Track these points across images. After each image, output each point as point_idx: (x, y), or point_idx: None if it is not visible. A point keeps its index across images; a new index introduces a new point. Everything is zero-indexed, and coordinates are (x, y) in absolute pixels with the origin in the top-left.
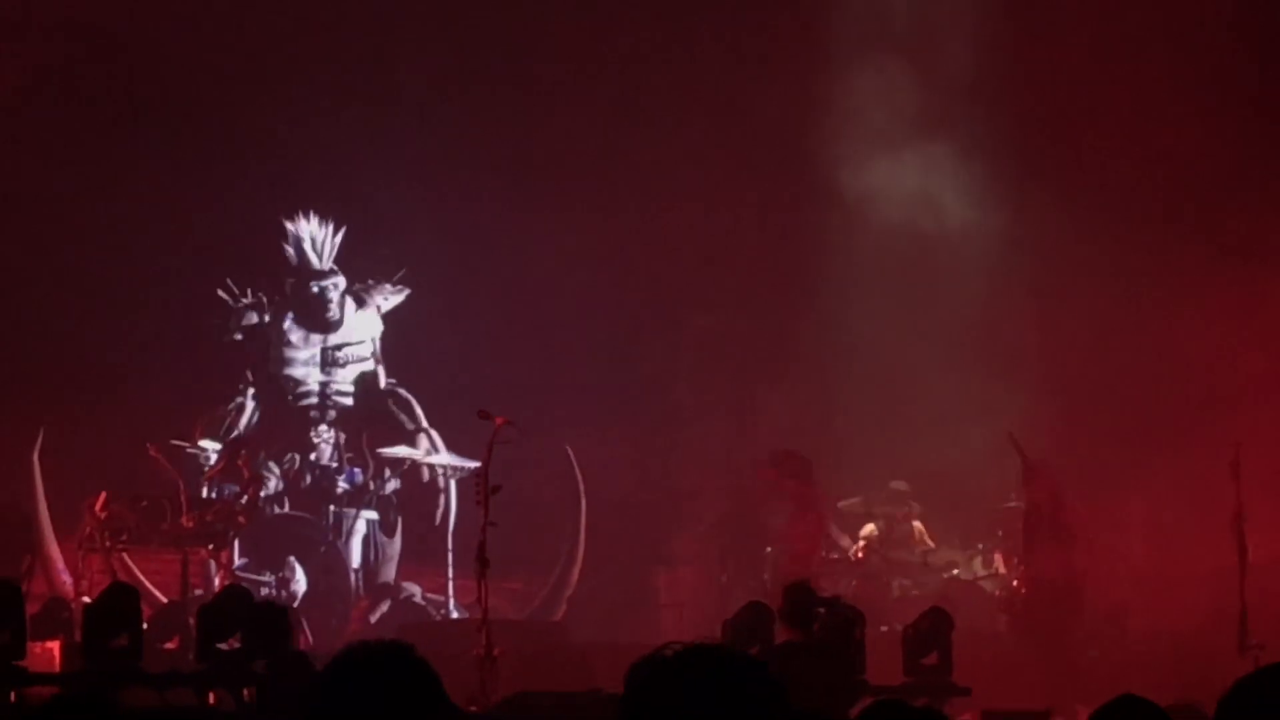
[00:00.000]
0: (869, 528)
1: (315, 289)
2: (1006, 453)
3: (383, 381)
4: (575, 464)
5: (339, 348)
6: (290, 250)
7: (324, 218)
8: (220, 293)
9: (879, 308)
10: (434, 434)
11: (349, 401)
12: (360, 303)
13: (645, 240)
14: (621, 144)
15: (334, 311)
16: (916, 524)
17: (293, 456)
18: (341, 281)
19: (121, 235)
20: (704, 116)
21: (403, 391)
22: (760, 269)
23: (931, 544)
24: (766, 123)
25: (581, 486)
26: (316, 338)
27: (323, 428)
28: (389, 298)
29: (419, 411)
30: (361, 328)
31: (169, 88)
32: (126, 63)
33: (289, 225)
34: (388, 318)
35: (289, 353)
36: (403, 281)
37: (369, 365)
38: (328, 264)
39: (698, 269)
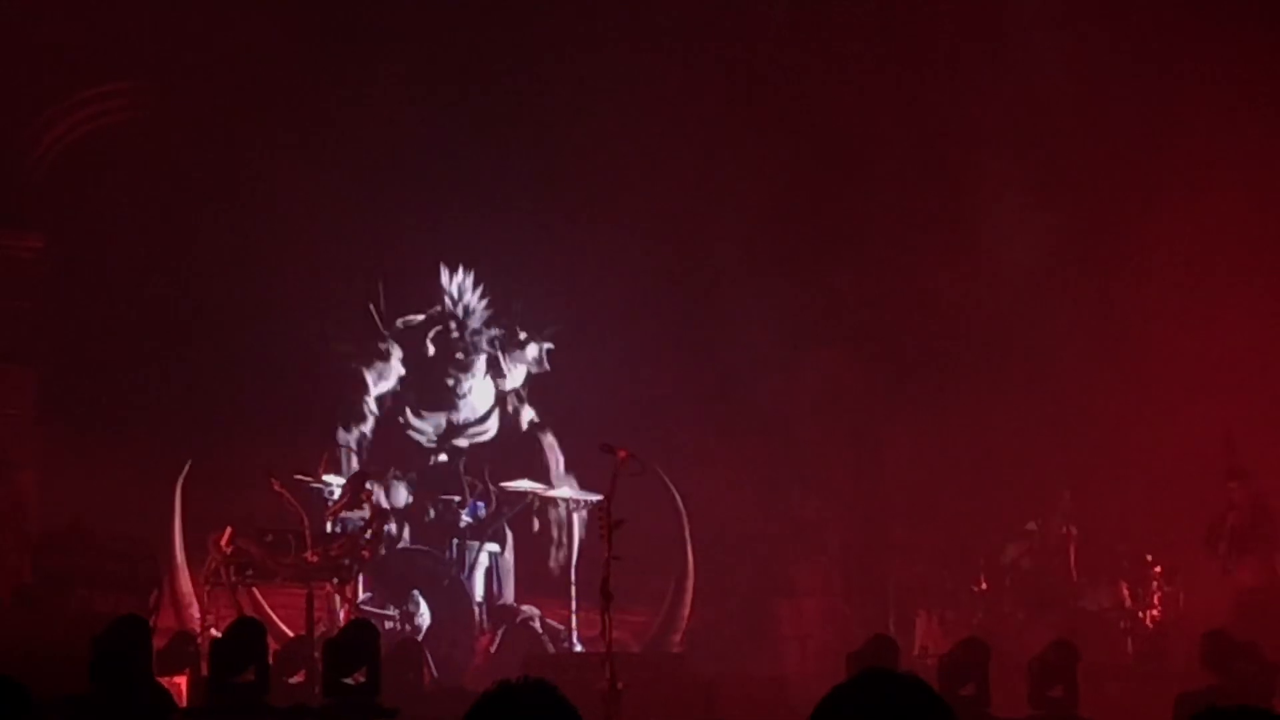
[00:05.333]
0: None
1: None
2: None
3: (525, 423)
4: (676, 493)
5: (464, 427)
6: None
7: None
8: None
9: (999, 337)
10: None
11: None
12: (493, 365)
13: (766, 273)
14: (743, 185)
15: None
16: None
17: (413, 474)
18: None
19: (254, 270)
20: (819, 158)
21: (550, 437)
22: (880, 303)
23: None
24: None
25: (685, 516)
26: (441, 413)
27: (443, 457)
28: (528, 364)
29: (561, 458)
30: (486, 397)
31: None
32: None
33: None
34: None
35: (415, 421)
36: (551, 338)
37: (490, 436)
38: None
39: (818, 302)
